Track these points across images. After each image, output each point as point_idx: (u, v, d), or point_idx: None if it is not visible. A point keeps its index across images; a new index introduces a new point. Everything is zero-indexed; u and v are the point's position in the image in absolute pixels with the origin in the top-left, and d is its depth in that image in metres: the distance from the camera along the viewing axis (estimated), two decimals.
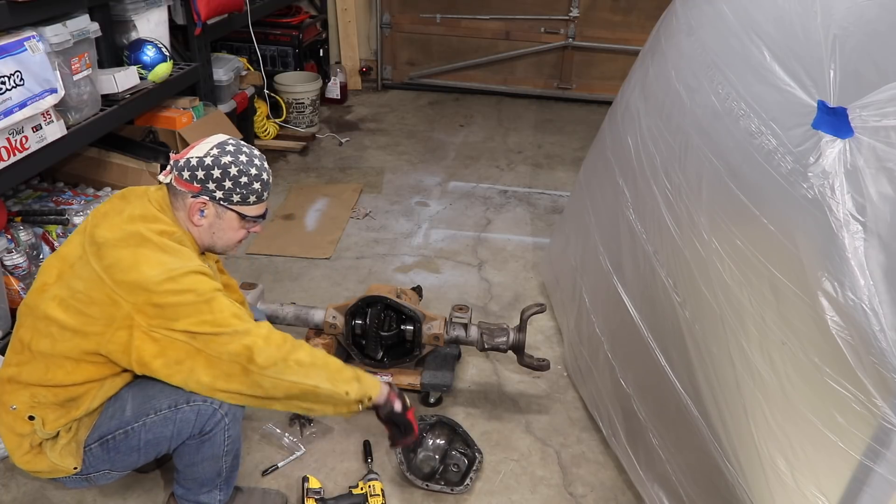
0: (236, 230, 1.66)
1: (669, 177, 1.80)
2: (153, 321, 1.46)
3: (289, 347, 1.55)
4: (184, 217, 1.61)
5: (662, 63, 2.06)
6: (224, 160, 1.56)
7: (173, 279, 1.46)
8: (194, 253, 1.59)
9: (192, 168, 1.56)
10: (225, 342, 1.48)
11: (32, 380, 1.55)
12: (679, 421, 1.71)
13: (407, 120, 4.85)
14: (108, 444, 1.64)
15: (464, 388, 2.43)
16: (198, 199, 1.58)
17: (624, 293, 2.02)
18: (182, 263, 1.50)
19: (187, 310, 1.47)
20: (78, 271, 1.51)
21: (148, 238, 1.50)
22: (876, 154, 1.16)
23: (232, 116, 3.61)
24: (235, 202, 1.60)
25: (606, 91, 4.92)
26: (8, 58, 2.06)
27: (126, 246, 1.49)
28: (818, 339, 1.21)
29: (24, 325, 1.57)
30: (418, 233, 3.42)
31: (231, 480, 1.81)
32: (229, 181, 1.57)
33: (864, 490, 1.17)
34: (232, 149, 1.59)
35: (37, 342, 1.53)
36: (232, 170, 1.57)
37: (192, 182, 1.57)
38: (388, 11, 5.15)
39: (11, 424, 1.60)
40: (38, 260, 2.45)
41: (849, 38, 1.30)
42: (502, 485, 2.06)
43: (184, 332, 1.47)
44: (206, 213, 1.60)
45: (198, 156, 1.57)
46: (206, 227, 1.63)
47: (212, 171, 1.56)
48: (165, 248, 1.51)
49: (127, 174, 2.97)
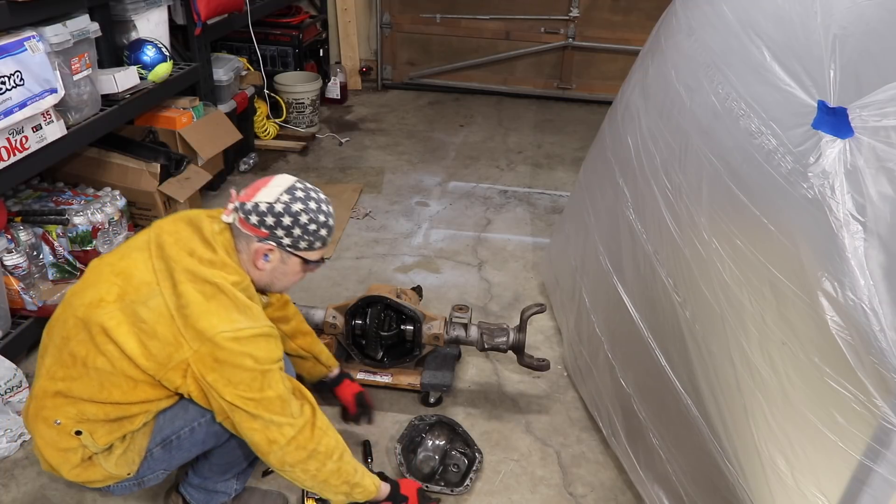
0: (297, 274, 1.64)
1: (669, 177, 1.80)
2: (208, 375, 1.46)
3: (305, 455, 1.55)
4: (246, 260, 1.58)
5: (662, 63, 2.06)
6: (295, 207, 1.54)
7: (240, 340, 1.45)
8: (261, 309, 1.56)
9: (261, 213, 1.52)
10: (255, 428, 1.50)
11: (84, 395, 1.50)
12: (679, 421, 1.71)
13: (407, 120, 4.85)
14: (171, 444, 1.62)
15: (464, 388, 2.43)
16: (264, 244, 1.55)
17: (624, 293, 2.02)
18: (251, 323, 1.48)
19: (242, 376, 1.46)
20: (145, 298, 1.47)
21: (224, 290, 1.48)
22: (876, 154, 1.16)
23: (232, 116, 3.61)
24: (302, 248, 1.57)
25: (606, 91, 4.91)
26: (8, 58, 2.06)
27: (202, 293, 1.46)
28: (818, 339, 1.21)
29: (76, 338, 1.51)
30: (418, 233, 3.42)
31: (251, 469, 1.83)
32: (299, 229, 1.54)
33: (864, 490, 1.17)
34: (302, 195, 1.56)
35: (94, 359, 1.48)
36: (302, 217, 1.54)
37: (259, 227, 1.53)
38: (388, 11, 5.15)
39: (55, 440, 1.54)
40: (37, 260, 2.45)
41: (849, 38, 1.30)
42: (502, 485, 2.06)
43: (228, 402, 1.48)
44: (270, 259, 1.57)
45: (268, 201, 1.53)
46: (269, 272, 1.60)
47: (282, 219, 1.53)
48: (238, 303, 1.49)
49: (127, 174, 2.97)
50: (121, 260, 1.56)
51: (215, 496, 1.82)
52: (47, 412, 1.54)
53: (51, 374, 1.54)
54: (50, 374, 1.54)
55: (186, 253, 1.51)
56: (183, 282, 1.47)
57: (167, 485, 1.99)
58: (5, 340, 2.27)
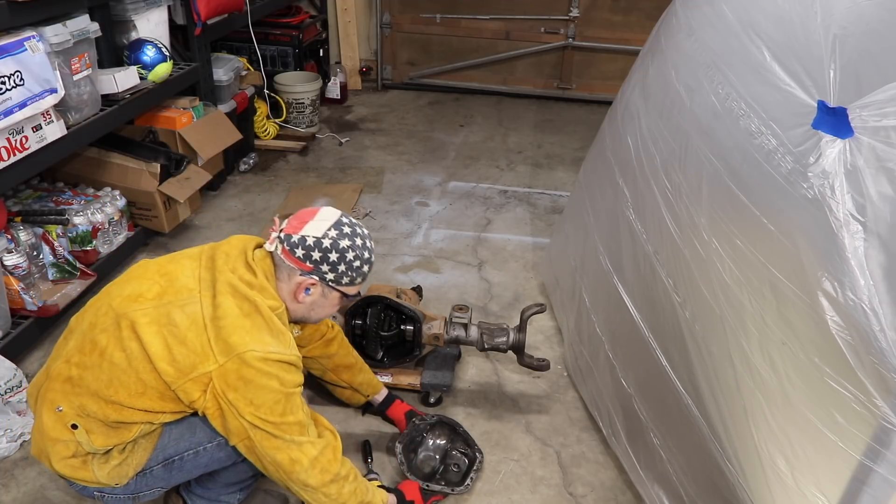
0: (334, 307, 1.65)
1: (669, 177, 1.80)
2: (229, 393, 1.45)
3: (328, 478, 1.56)
4: (285, 290, 1.57)
5: (662, 63, 2.06)
6: (343, 244, 1.54)
7: (268, 361, 1.45)
8: (292, 338, 1.57)
9: (307, 248, 1.53)
10: (276, 447, 1.50)
11: (91, 388, 1.49)
12: (679, 421, 1.71)
13: (407, 120, 4.85)
14: (173, 464, 1.61)
15: (464, 388, 2.43)
16: (308, 278, 1.55)
17: (624, 293, 2.02)
18: (281, 350, 1.48)
19: (266, 397, 1.46)
20: (182, 302, 1.48)
21: (261, 310, 1.48)
22: (876, 154, 1.16)
23: (232, 116, 3.61)
24: (344, 284, 1.58)
25: (606, 91, 4.91)
26: (8, 58, 2.06)
27: (240, 308, 1.46)
28: (818, 339, 1.21)
29: (101, 326, 1.50)
30: (418, 233, 3.42)
31: (254, 481, 1.83)
32: (344, 265, 1.55)
33: (864, 490, 1.17)
34: (349, 231, 1.56)
35: (112, 351, 1.47)
36: (349, 255, 1.55)
37: (305, 262, 1.53)
38: (388, 11, 5.15)
39: (51, 426, 1.53)
40: (37, 260, 2.44)
41: (849, 38, 1.30)
42: (502, 485, 2.06)
43: (248, 421, 1.47)
44: (312, 292, 1.57)
45: (315, 236, 1.53)
46: (308, 305, 1.60)
47: (329, 255, 1.53)
48: (273, 327, 1.49)
49: (127, 174, 2.97)
50: (169, 263, 1.58)
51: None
52: (53, 395, 1.52)
53: (67, 357, 1.53)
54: (66, 357, 1.53)
55: (230, 270, 1.51)
56: (223, 293, 1.47)
57: None
58: (5, 340, 2.27)
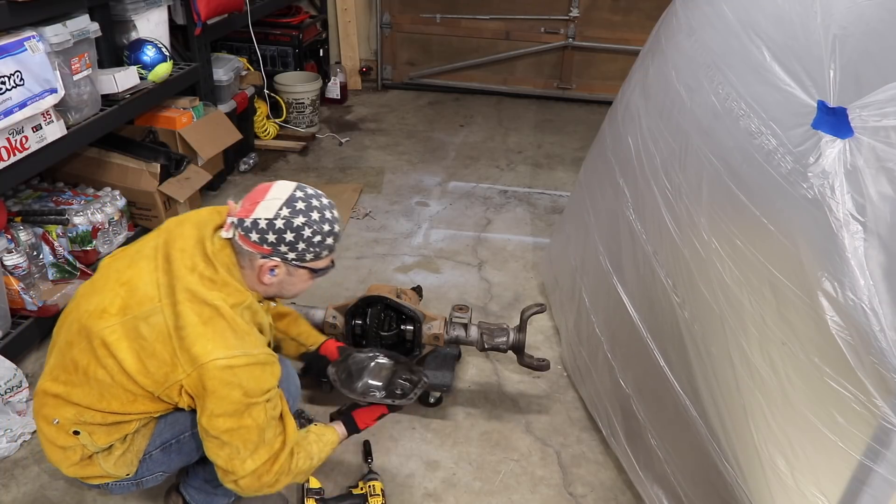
0: (306, 282, 1.61)
1: (669, 177, 1.80)
2: (195, 399, 1.46)
3: (258, 485, 1.52)
4: (251, 275, 1.54)
5: (663, 63, 2.06)
6: (297, 222, 1.48)
7: (232, 368, 1.42)
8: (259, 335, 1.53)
9: (261, 231, 1.48)
10: (219, 455, 1.48)
11: (84, 403, 1.50)
12: (678, 421, 1.71)
13: (407, 120, 4.85)
14: (170, 447, 1.62)
15: (464, 388, 2.43)
16: (269, 260, 1.51)
17: (623, 293, 2.02)
18: (247, 351, 1.44)
19: (225, 407, 1.43)
20: (146, 313, 1.46)
21: (222, 313, 1.45)
22: (876, 154, 1.16)
23: (232, 116, 3.61)
24: (309, 260, 1.54)
25: (606, 91, 4.91)
26: (8, 58, 2.06)
27: (199, 315, 1.44)
28: (818, 339, 1.21)
29: (78, 346, 1.50)
30: (418, 233, 3.42)
31: None
32: (303, 243, 1.49)
33: (864, 490, 1.17)
34: (303, 206, 1.49)
35: (94, 369, 1.47)
36: (305, 232, 1.49)
37: (262, 245, 1.49)
38: (388, 11, 5.15)
39: (53, 437, 1.55)
40: (37, 260, 2.44)
41: (849, 38, 1.30)
42: (502, 485, 2.06)
43: (202, 427, 1.47)
44: (276, 273, 1.53)
45: (267, 217, 1.47)
46: (276, 285, 1.57)
47: (284, 235, 1.48)
48: (237, 329, 1.45)
49: (127, 174, 2.97)
50: (129, 267, 1.53)
51: (215, 498, 1.82)
52: (47, 410, 1.55)
53: (54, 376, 1.54)
54: (53, 376, 1.54)
55: (189, 269, 1.47)
56: (182, 301, 1.44)
57: (167, 483, 1.99)
58: (5, 340, 2.27)
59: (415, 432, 2.23)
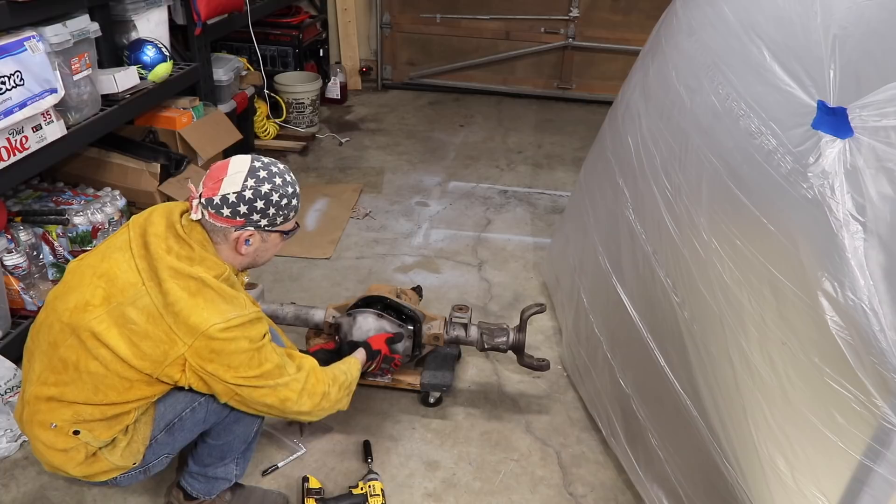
0: (277, 246, 1.68)
1: (669, 177, 1.80)
2: (207, 365, 1.50)
3: (318, 399, 1.66)
4: (227, 249, 1.60)
5: (663, 63, 2.06)
6: (263, 189, 1.54)
7: (231, 328, 1.48)
8: (245, 295, 1.59)
9: (232, 205, 1.52)
10: (264, 394, 1.57)
11: (79, 399, 1.51)
12: (678, 421, 1.71)
13: (407, 120, 4.85)
14: (174, 427, 1.65)
15: (464, 388, 2.43)
16: (243, 231, 1.56)
17: (623, 293, 2.02)
18: (239, 312, 1.51)
19: (241, 357, 1.51)
20: (132, 298, 1.48)
21: (208, 283, 1.50)
22: (876, 154, 1.16)
23: (232, 116, 3.61)
24: (280, 224, 1.60)
25: (606, 91, 4.91)
26: (8, 58, 2.06)
27: (186, 289, 1.48)
28: (818, 339, 1.21)
29: (65, 343, 1.51)
30: (418, 233, 3.42)
31: (248, 454, 1.85)
32: (273, 208, 1.56)
33: (864, 490, 1.17)
34: (264, 174, 1.55)
35: (86, 363, 1.49)
36: (274, 196, 1.55)
37: (234, 217, 1.54)
38: (388, 11, 5.15)
39: (54, 442, 1.55)
40: (37, 260, 2.44)
41: (849, 38, 1.30)
42: (502, 485, 2.06)
43: (231, 383, 1.53)
44: (251, 242, 1.60)
45: (235, 191, 1.52)
46: (251, 253, 1.63)
47: (255, 204, 1.53)
48: (224, 294, 1.51)
49: (127, 174, 2.97)
50: (102, 261, 1.55)
51: (216, 483, 1.83)
52: (42, 416, 1.54)
53: (42, 380, 1.54)
54: (41, 380, 1.54)
55: (165, 251, 1.51)
56: (166, 279, 1.48)
57: (168, 482, 1.99)
58: (5, 340, 2.27)
59: (415, 432, 2.23)
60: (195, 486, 1.83)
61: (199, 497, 1.84)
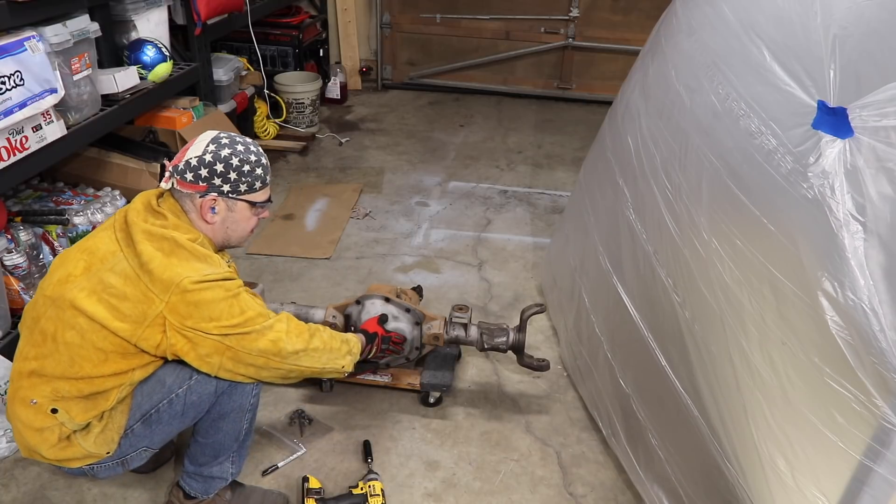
0: (248, 219, 1.70)
1: (669, 177, 1.80)
2: (186, 321, 1.52)
3: (307, 336, 1.67)
4: (196, 218, 1.64)
5: (663, 63, 2.06)
6: (223, 153, 1.60)
7: (205, 281, 1.52)
8: (218, 258, 1.63)
9: (193, 168, 1.59)
10: (254, 339, 1.58)
11: (56, 373, 1.54)
12: (679, 421, 1.71)
13: (407, 120, 4.85)
14: (150, 419, 1.65)
15: (464, 388, 2.43)
16: (207, 197, 1.61)
17: (623, 293, 2.02)
18: (213, 270, 1.55)
19: (219, 307, 1.53)
20: (110, 265, 1.53)
21: (181, 244, 1.55)
22: (876, 154, 1.16)
23: (232, 116, 3.61)
24: (244, 192, 1.64)
25: (606, 91, 4.92)
26: (8, 58, 2.06)
27: (161, 249, 1.53)
28: (818, 339, 1.21)
29: (45, 315, 1.56)
30: (418, 233, 3.42)
31: (243, 451, 1.85)
32: (234, 172, 1.60)
33: (864, 490, 1.17)
34: (227, 141, 1.62)
35: (62, 333, 1.53)
36: (234, 161, 1.60)
37: (197, 182, 1.59)
38: (388, 11, 5.15)
39: (31, 420, 1.58)
40: (38, 260, 2.44)
41: (849, 38, 1.30)
42: (502, 485, 2.06)
43: (217, 335, 1.53)
44: (217, 210, 1.63)
45: (196, 155, 1.59)
46: (220, 223, 1.66)
47: (215, 167, 1.59)
48: (197, 254, 1.56)
49: (127, 174, 2.97)
50: (89, 239, 1.63)
51: (213, 482, 1.84)
52: (23, 392, 1.58)
53: (24, 355, 1.58)
54: (23, 355, 1.59)
55: (142, 220, 1.57)
56: (141, 241, 1.52)
57: (168, 482, 1.99)
58: (5, 340, 2.27)
59: (415, 432, 2.23)
60: (193, 486, 1.84)
61: (198, 496, 1.85)
